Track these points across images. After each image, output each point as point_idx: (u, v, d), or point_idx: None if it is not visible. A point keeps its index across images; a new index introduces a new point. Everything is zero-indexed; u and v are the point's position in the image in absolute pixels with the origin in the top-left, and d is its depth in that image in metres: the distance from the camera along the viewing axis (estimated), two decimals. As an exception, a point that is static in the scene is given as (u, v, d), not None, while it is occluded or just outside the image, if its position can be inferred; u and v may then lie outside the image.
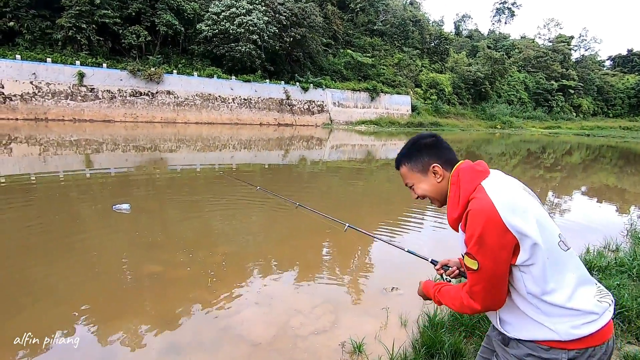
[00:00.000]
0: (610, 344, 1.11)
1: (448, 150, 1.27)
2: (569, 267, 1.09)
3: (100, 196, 6.80)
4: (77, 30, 23.40)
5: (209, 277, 3.67)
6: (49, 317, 2.92)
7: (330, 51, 39.35)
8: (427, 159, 1.26)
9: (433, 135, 1.30)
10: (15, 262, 3.91)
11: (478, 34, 69.67)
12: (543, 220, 1.09)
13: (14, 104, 21.39)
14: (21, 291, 3.35)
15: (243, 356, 2.50)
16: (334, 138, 24.20)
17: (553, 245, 1.08)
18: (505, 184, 1.14)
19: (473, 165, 1.20)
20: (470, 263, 1.10)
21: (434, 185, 1.25)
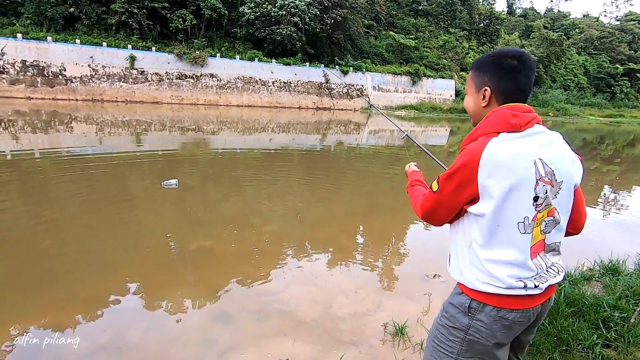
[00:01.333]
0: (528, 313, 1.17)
1: (518, 82, 1.17)
2: (514, 244, 1.13)
3: (149, 173, 7.21)
4: (129, 15, 24.49)
5: (254, 253, 3.79)
6: (103, 284, 3.18)
7: (372, 33, 38.22)
8: (488, 79, 1.21)
9: (519, 59, 1.17)
10: (70, 233, 4.28)
11: (533, 13, 64.40)
12: (518, 196, 1.10)
13: (74, 86, 23.01)
14: (76, 259, 3.66)
15: (288, 329, 2.59)
16: (372, 123, 23.77)
17: (510, 220, 1.11)
18: (513, 147, 1.10)
19: (510, 114, 1.14)
20: (434, 184, 1.22)
21: (478, 106, 1.25)
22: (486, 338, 1.17)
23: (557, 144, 1.17)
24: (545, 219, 1.15)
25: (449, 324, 1.24)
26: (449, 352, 1.22)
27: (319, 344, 2.45)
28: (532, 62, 1.20)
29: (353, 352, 2.36)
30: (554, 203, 1.15)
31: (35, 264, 3.43)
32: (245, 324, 2.64)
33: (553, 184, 1.13)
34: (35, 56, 21.99)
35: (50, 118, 15.28)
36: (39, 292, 3.00)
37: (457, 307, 1.22)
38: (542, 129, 1.17)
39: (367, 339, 2.50)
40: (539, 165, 1.11)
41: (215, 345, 2.43)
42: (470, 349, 1.20)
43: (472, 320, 1.18)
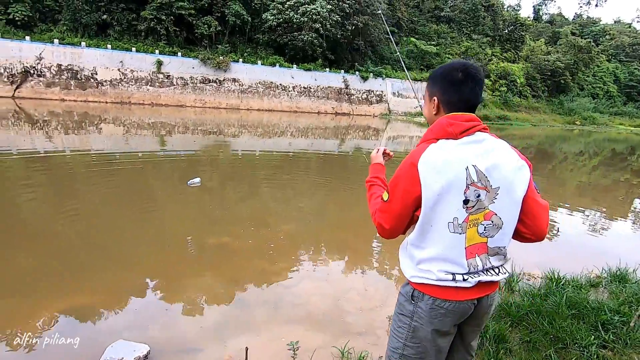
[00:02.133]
0: (462, 304, 1.27)
1: (462, 93, 1.27)
2: (444, 242, 1.23)
3: (171, 173, 7.58)
4: (158, 22, 25.53)
5: (269, 249, 4.01)
6: (123, 276, 3.46)
7: (393, 39, 38.26)
8: (437, 89, 1.33)
9: (464, 71, 1.27)
10: (95, 226, 4.61)
11: (561, 19, 62.71)
12: (447, 199, 1.19)
13: (104, 89, 24.12)
14: (101, 252, 3.96)
15: (300, 318, 2.78)
16: (391, 129, 23.78)
17: (441, 220, 1.21)
18: (446, 153, 1.20)
19: (447, 123, 1.25)
20: (384, 194, 1.31)
21: (430, 114, 1.39)
22: (425, 324, 1.29)
23: (497, 152, 1.23)
24: (483, 222, 1.22)
25: (399, 311, 1.38)
26: (399, 337, 1.37)
27: (327, 332, 2.62)
28: (477, 75, 1.28)
29: (359, 341, 2.52)
30: (491, 208, 1.21)
31: (62, 255, 3.76)
32: (260, 311, 2.85)
33: (488, 189, 1.20)
34: (70, 60, 23.22)
35: (82, 119, 16.13)
36: (65, 282, 3.30)
37: (404, 295, 1.36)
38: (483, 137, 1.24)
39: (373, 330, 2.67)
40: (471, 171, 1.19)
41: (231, 327, 2.65)
42: (415, 336, 1.33)
43: (415, 307, 1.31)
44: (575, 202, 7.80)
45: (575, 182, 10.18)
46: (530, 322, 2.50)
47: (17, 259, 3.57)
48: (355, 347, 2.39)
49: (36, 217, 4.73)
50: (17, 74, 21.94)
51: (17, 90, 21.89)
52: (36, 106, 19.13)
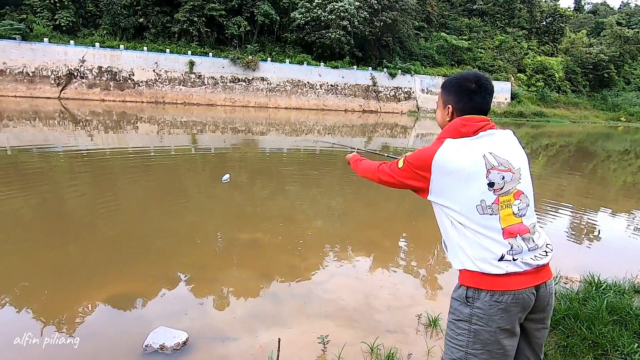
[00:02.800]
0: (521, 294, 1.26)
1: (474, 102, 1.41)
2: (478, 224, 1.28)
3: (202, 170, 7.84)
4: (190, 23, 26.37)
5: (299, 245, 4.09)
6: (160, 267, 3.64)
7: (422, 35, 37.40)
8: (451, 98, 1.45)
9: (476, 82, 1.41)
10: (132, 219, 4.86)
11: (605, 9, 58.96)
12: (470, 185, 1.29)
13: (141, 89, 25.25)
14: (139, 243, 4.18)
15: (330, 313, 2.84)
16: (419, 127, 23.34)
17: (469, 205, 1.29)
18: (460, 147, 1.32)
19: (461, 124, 1.37)
20: (400, 161, 1.46)
21: (443, 119, 1.49)
22: (487, 324, 1.26)
23: (508, 139, 1.38)
24: (515, 202, 1.30)
25: (454, 318, 1.35)
26: (459, 347, 1.32)
27: (357, 328, 2.66)
28: (488, 85, 1.42)
29: (387, 337, 2.54)
30: (518, 187, 1.32)
31: (104, 246, 4.00)
32: (290, 305, 2.94)
33: (513, 170, 1.31)
34: (110, 63, 24.47)
35: (120, 118, 16.98)
36: (107, 271, 3.53)
37: (458, 299, 1.34)
38: (494, 131, 1.37)
39: (402, 328, 2.67)
40: (488, 157, 1.30)
41: (263, 319, 2.74)
42: (477, 340, 1.28)
43: (472, 308, 1.28)
44: (619, 203, 7.36)
45: (619, 182, 9.59)
46: (567, 326, 2.42)
47: (64, 249, 3.85)
48: (385, 344, 2.41)
49: (80, 210, 5.07)
50: (63, 76, 23.41)
51: (63, 92, 23.34)
52: (79, 106, 20.33)
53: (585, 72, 42.57)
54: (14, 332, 2.47)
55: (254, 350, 2.41)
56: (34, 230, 4.32)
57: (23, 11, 23.97)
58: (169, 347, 2.27)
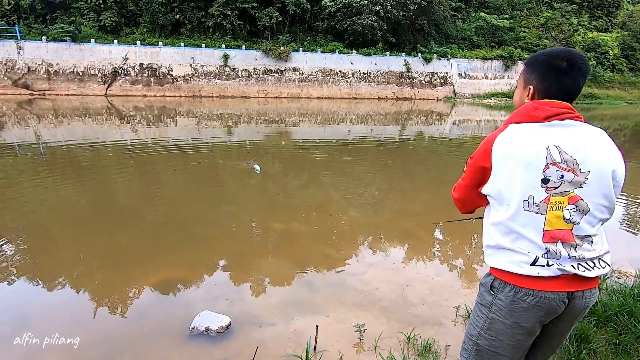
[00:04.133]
0: (547, 300, 1.19)
1: (562, 83, 1.23)
2: (520, 221, 1.20)
3: (237, 160, 8.06)
4: (224, 17, 26.86)
5: (334, 235, 4.14)
6: (202, 254, 3.81)
7: (460, 16, 35.62)
8: (534, 77, 1.28)
9: (569, 60, 1.22)
10: (174, 208, 5.10)
11: (671, -25, 52.86)
12: (522, 177, 1.18)
13: (179, 84, 26.22)
14: (181, 231, 4.39)
15: (366, 303, 2.89)
16: (456, 113, 22.45)
17: (515, 198, 1.19)
18: (524, 133, 1.20)
19: (532, 107, 1.23)
20: (465, 166, 1.38)
21: (522, 99, 1.35)
22: (505, 317, 1.25)
23: (590, 137, 1.19)
24: (567, 207, 1.16)
25: (479, 300, 1.36)
26: (475, 325, 1.36)
27: (393, 318, 2.67)
28: (583, 65, 1.22)
29: (425, 328, 2.53)
30: (577, 192, 1.16)
31: (149, 233, 4.26)
32: (326, 294, 3.00)
33: (576, 172, 1.15)
34: (150, 59, 25.58)
35: (160, 113, 17.78)
36: (153, 258, 3.75)
37: (484, 285, 1.33)
38: (574, 123, 1.20)
39: (439, 319, 2.65)
40: (552, 150, 1.15)
41: (300, 306, 2.83)
42: (491, 328, 1.30)
43: (495, 298, 1.27)
44: None
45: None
46: (620, 323, 2.28)
47: (113, 236, 4.15)
48: (422, 335, 2.40)
49: (126, 199, 5.42)
50: (108, 74, 24.81)
51: (109, 89, 24.79)
52: (123, 102, 21.51)
53: (646, 48, 38.68)
54: (65, 313, 2.72)
55: (290, 334, 2.49)
56: (86, 218, 4.68)
57: (72, 14, 25.54)
58: (214, 330, 2.41)
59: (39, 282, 3.13)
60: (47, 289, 3.07)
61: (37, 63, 23.44)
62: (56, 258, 3.66)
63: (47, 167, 7.15)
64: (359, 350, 2.35)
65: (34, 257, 3.62)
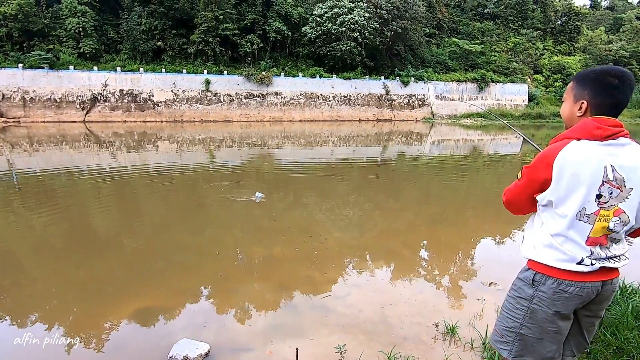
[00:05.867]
0: (586, 288, 1.36)
1: (615, 98, 1.33)
2: (573, 228, 1.34)
3: (220, 185, 8.03)
4: (205, 44, 27.28)
5: (316, 257, 4.14)
6: (181, 281, 3.74)
7: (434, 41, 37.36)
8: (587, 92, 1.38)
9: (620, 78, 1.33)
10: (155, 233, 5.02)
11: (624, 4, 57.37)
12: (581, 191, 1.30)
13: (160, 109, 26.15)
14: (160, 258, 4.31)
15: (348, 323, 2.88)
16: (435, 133, 23.12)
17: (572, 208, 1.33)
18: (587, 151, 1.29)
19: (595, 126, 1.31)
20: (519, 174, 1.47)
21: (572, 114, 1.44)
22: (547, 306, 1.39)
23: (636, 157, 1.32)
24: (612, 219, 1.33)
25: (516, 294, 1.48)
26: (515, 318, 1.47)
27: (375, 338, 2.67)
28: (632, 81, 1.35)
29: (405, 346, 2.54)
30: (620, 205, 1.32)
31: (127, 261, 4.16)
32: (310, 317, 2.99)
33: (622, 189, 1.30)
34: (130, 85, 25.53)
35: (141, 138, 17.60)
36: (131, 286, 3.66)
37: (524, 280, 1.46)
38: (626, 141, 1.33)
39: (420, 336, 2.67)
40: (608, 170, 1.29)
41: (281, 330, 2.80)
42: (533, 317, 1.42)
43: (536, 291, 1.41)
44: None
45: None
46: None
47: (90, 265, 4.03)
48: (402, 353, 2.41)
49: (104, 227, 5.29)
50: (87, 100, 24.55)
51: (87, 115, 24.45)
52: (103, 128, 21.22)
53: (606, 70, 41.26)
54: (34, 354, 2.61)
55: (270, 358, 2.45)
56: (61, 247, 4.53)
57: (50, 41, 25.41)
58: (192, 359, 2.35)
59: (6, 320, 2.99)
60: (17, 326, 2.93)
61: (12, 90, 23.01)
62: (27, 292, 3.51)
63: (20, 196, 6.93)
64: (341, 372, 2.33)
65: (2, 291, 3.46)
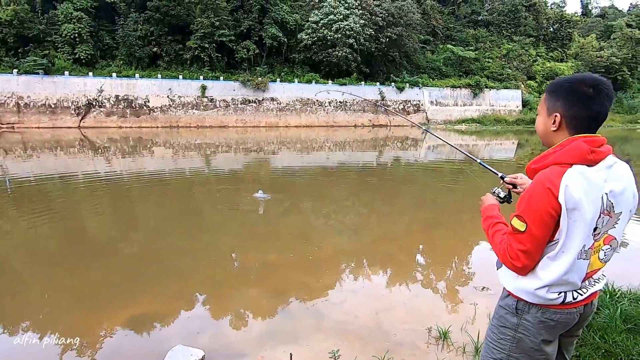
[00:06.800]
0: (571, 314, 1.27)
1: (591, 110, 1.19)
2: (572, 268, 1.20)
3: (216, 190, 8.03)
4: (201, 50, 27.39)
5: (312, 262, 4.16)
6: (177, 287, 3.74)
7: (429, 48, 37.77)
8: (560, 104, 1.23)
9: (595, 87, 1.18)
10: (151, 239, 5.01)
11: (614, 12, 58.45)
12: (583, 227, 1.16)
13: (156, 115, 26.13)
14: (156, 264, 4.31)
15: (342, 327, 2.91)
16: (430, 138, 23.29)
17: (573, 247, 1.18)
18: (587, 183, 1.14)
19: (588, 150, 1.16)
20: (516, 224, 1.21)
21: (547, 129, 1.28)
22: (534, 335, 1.28)
23: (625, 178, 1.22)
24: (603, 247, 1.24)
25: (499, 324, 1.36)
26: (501, 349, 1.34)
27: (369, 343, 2.70)
28: (610, 90, 1.20)
29: (399, 351, 2.56)
30: (610, 232, 1.22)
31: (122, 268, 4.15)
32: (305, 323, 3.02)
33: (612, 215, 1.19)
34: (126, 91, 25.52)
35: (136, 143, 17.57)
36: (127, 293, 3.65)
37: (506, 308, 1.33)
38: (612, 161, 1.21)
39: (413, 341, 2.69)
40: (604, 199, 1.17)
41: (277, 337, 2.81)
42: (520, 347, 1.30)
43: (520, 319, 1.29)
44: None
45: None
46: (580, 336, 2.39)
47: (86, 271, 4.01)
48: (395, 357, 2.43)
49: (98, 233, 5.27)
50: (82, 106, 24.48)
51: (82, 121, 24.37)
52: (98, 134, 21.15)
53: (598, 76, 41.91)
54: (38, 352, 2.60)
55: (266, 365, 2.47)
56: (55, 253, 4.51)
57: (45, 47, 25.37)
58: (186, 365, 2.36)
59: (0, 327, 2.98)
60: (9, 333, 2.91)
61: (6, 96, 22.91)
62: (21, 299, 3.49)
63: (13, 201, 6.89)
64: (334, 377, 2.35)
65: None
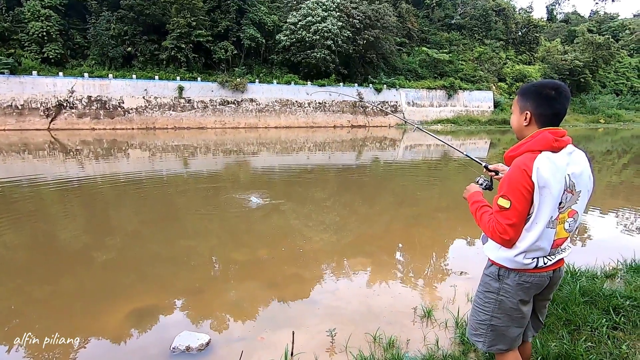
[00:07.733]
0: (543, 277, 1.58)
1: (554, 108, 1.51)
2: (542, 236, 1.52)
3: (194, 192, 8.08)
4: (178, 50, 26.97)
5: (302, 259, 4.36)
6: (178, 281, 3.86)
7: (405, 50, 38.73)
8: (529, 104, 1.55)
9: (556, 90, 1.51)
10: (131, 244, 5.07)
11: (577, 17, 61.78)
12: (551, 201, 1.47)
13: (131, 116, 25.51)
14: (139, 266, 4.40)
15: (334, 311, 3.12)
16: (407, 138, 23.95)
17: (543, 218, 1.50)
18: (554, 165, 1.46)
19: (553, 139, 1.49)
20: (502, 202, 1.51)
21: (520, 125, 1.61)
22: (513, 297, 1.59)
23: (582, 162, 1.54)
24: (568, 220, 1.54)
25: (484, 289, 1.68)
26: (485, 311, 1.66)
27: (360, 322, 2.95)
28: (568, 92, 1.54)
29: (388, 328, 2.81)
30: (573, 207, 1.53)
31: (126, 264, 4.21)
32: (298, 309, 3.21)
33: (573, 192, 1.51)
34: (99, 92, 24.78)
35: (111, 146, 17.16)
36: (132, 288, 3.74)
37: (490, 275, 1.65)
38: (572, 149, 1.54)
39: (400, 319, 2.96)
40: (567, 179, 1.48)
41: (276, 321, 3.01)
42: (501, 308, 1.62)
43: (502, 284, 1.61)
44: (604, 202, 7.56)
45: (603, 182, 9.98)
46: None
47: (56, 282, 4.04)
48: (385, 333, 2.68)
49: (71, 240, 5.26)
50: (52, 107, 23.57)
51: (52, 123, 23.46)
52: (69, 136, 20.45)
53: (563, 78, 44.15)
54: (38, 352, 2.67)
55: (268, 345, 2.65)
56: (23, 263, 4.30)
57: (11, 46, 24.29)
58: (194, 348, 2.51)
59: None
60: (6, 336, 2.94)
61: (-31, 97, 21.79)
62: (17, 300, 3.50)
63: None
64: (332, 352, 2.57)
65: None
